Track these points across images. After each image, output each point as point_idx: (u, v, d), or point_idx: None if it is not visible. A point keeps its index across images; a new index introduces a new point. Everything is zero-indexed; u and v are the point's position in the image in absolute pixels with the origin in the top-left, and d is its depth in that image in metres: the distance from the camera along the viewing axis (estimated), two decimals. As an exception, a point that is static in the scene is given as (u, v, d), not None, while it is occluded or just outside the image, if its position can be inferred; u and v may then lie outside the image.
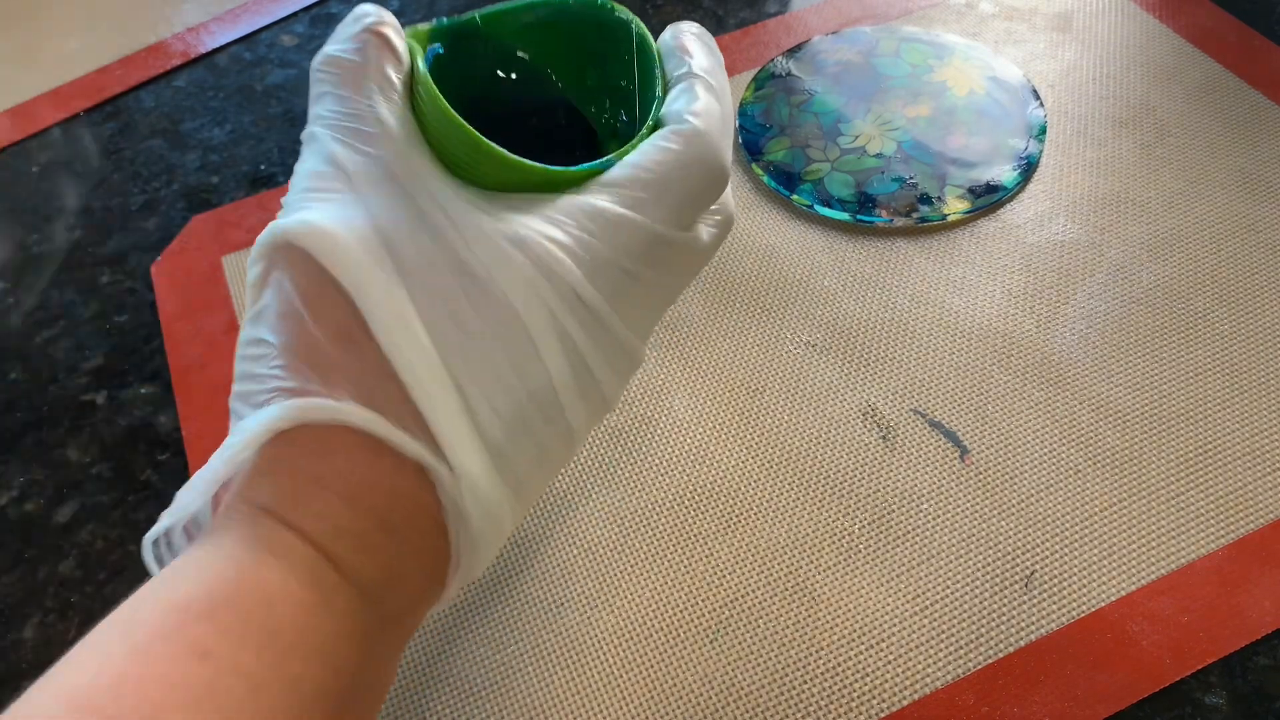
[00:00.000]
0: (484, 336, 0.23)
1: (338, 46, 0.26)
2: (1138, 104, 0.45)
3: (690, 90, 0.26)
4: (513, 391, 0.24)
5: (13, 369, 0.42)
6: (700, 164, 0.25)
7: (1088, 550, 0.32)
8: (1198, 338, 0.37)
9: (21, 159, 0.51)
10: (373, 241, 0.24)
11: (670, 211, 0.25)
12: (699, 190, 0.25)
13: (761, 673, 0.31)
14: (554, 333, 0.24)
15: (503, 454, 0.24)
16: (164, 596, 0.21)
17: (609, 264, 0.24)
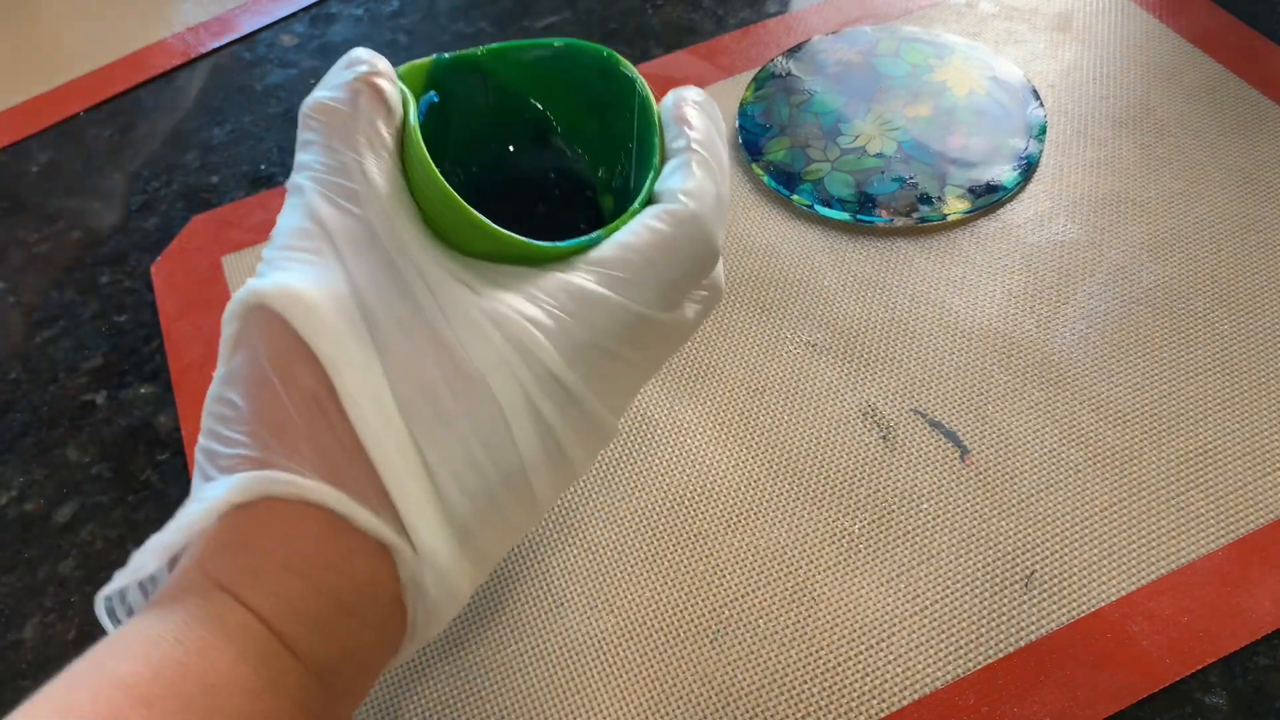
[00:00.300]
0: (457, 416, 0.23)
1: (328, 93, 0.25)
2: (1138, 104, 0.45)
3: (686, 167, 0.26)
4: (483, 472, 0.23)
5: (13, 369, 0.42)
6: (689, 246, 0.25)
7: (1088, 550, 0.32)
8: (1198, 338, 0.37)
9: (22, 158, 0.51)
10: (350, 309, 0.23)
11: (655, 293, 0.25)
12: (686, 272, 0.25)
13: (761, 673, 0.31)
14: (528, 414, 0.23)
15: (468, 531, 0.24)
16: (106, 672, 0.20)
17: (588, 345, 0.24)
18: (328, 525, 0.22)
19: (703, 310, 0.27)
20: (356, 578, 0.22)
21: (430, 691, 0.31)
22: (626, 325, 0.24)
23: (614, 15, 0.54)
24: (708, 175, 0.26)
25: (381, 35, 0.55)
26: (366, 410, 0.22)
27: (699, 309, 0.27)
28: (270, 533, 0.22)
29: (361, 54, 0.26)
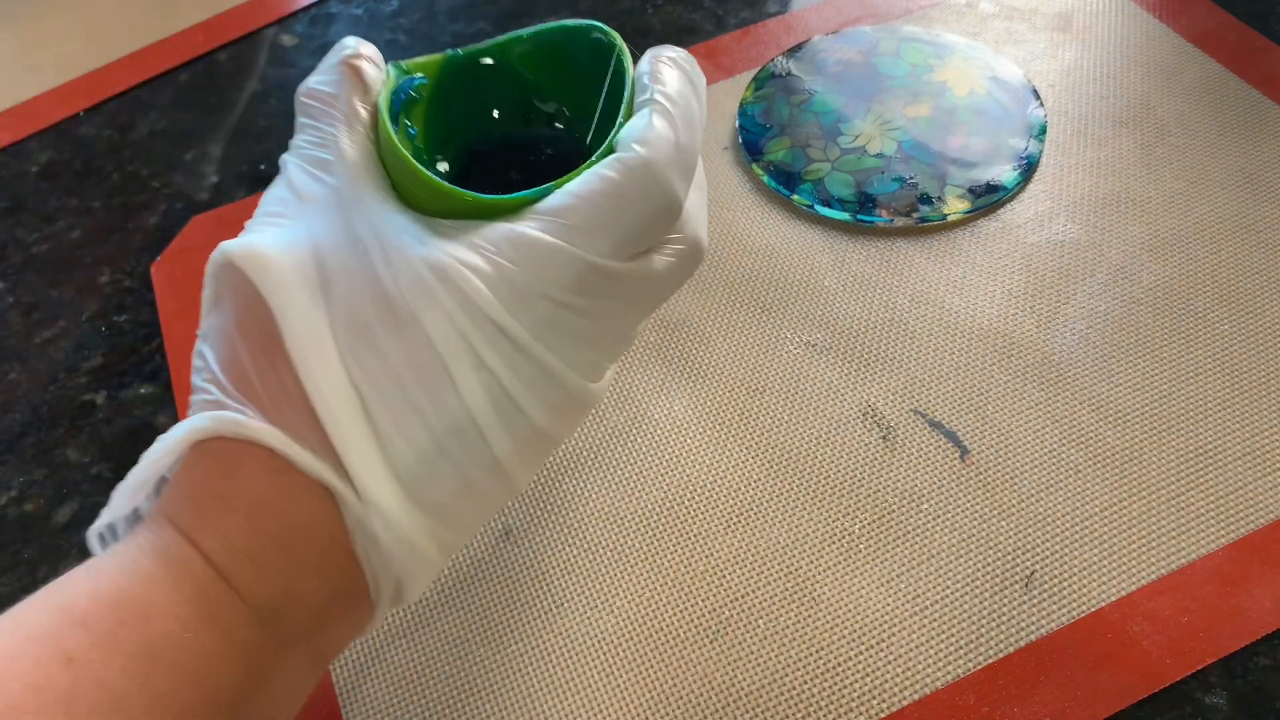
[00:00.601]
0: (398, 362, 0.23)
1: (317, 78, 0.27)
2: (1138, 104, 0.45)
3: (645, 117, 0.26)
4: (425, 419, 0.23)
5: (13, 369, 0.42)
6: (640, 194, 0.24)
7: (1088, 550, 0.32)
8: (1198, 338, 0.37)
9: (22, 158, 0.51)
10: (305, 263, 0.24)
11: (605, 241, 0.24)
12: (640, 221, 0.25)
13: (761, 673, 0.31)
14: (468, 359, 0.23)
15: (416, 481, 0.24)
16: (55, 597, 0.22)
17: (533, 293, 0.24)
18: (270, 465, 0.23)
19: (676, 265, 0.26)
20: (297, 518, 0.23)
21: (430, 691, 0.31)
22: (575, 273, 0.24)
23: (614, 15, 0.54)
24: (667, 124, 0.25)
25: (381, 35, 0.55)
26: (309, 356, 0.23)
27: (670, 263, 0.26)
28: (216, 471, 0.23)
29: (348, 41, 0.27)
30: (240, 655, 0.22)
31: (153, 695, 0.21)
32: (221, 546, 0.22)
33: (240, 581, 0.22)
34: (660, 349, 0.39)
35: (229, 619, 0.22)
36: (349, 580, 0.24)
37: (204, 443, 0.23)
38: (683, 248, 0.26)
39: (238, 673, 0.22)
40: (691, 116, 0.26)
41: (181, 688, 0.21)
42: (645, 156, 0.25)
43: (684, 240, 0.26)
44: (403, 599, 0.25)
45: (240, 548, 0.22)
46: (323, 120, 0.26)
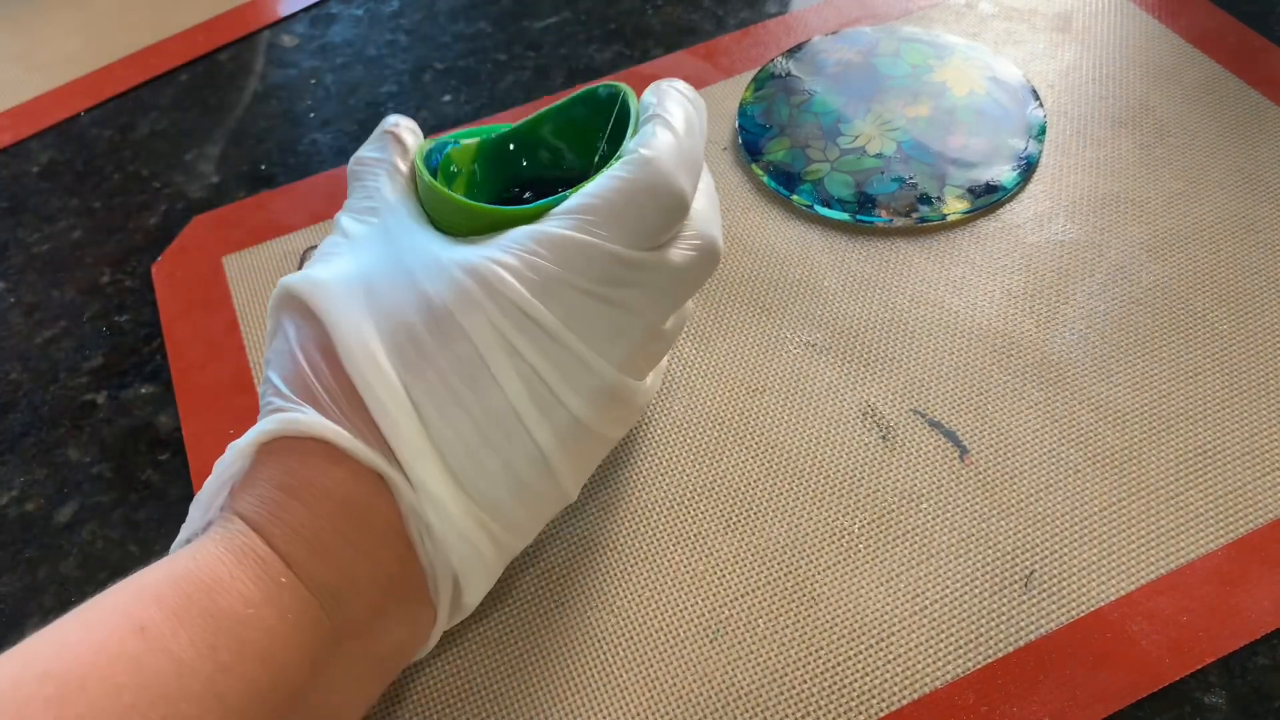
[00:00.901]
0: (439, 358, 0.25)
1: (365, 148, 0.31)
2: (1137, 104, 0.45)
3: (647, 129, 0.28)
4: (467, 407, 0.25)
5: (13, 369, 0.42)
6: (649, 188, 0.26)
7: (1087, 550, 0.32)
8: (1197, 338, 0.37)
9: (22, 158, 0.51)
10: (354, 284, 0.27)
11: (623, 233, 0.26)
12: (650, 213, 0.26)
13: (761, 672, 0.31)
14: (502, 348, 0.25)
15: (464, 469, 0.25)
16: (134, 580, 0.23)
17: (559, 282, 0.25)
18: (327, 457, 0.25)
19: (694, 258, 0.28)
20: (353, 504, 0.24)
21: (430, 691, 0.31)
22: (597, 262, 0.26)
23: (614, 15, 0.54)
24: (668, 131, 0.28)
25: (381, 35, 0.55)
26: (359, 358, 0.25)
27: (689, 255, 0.28)
28: (279, 468, 0.25)
29: (393, 117, 0.32)
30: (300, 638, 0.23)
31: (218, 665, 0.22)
32: (283, 532, 0.24)
33: (300, 564, 0.24)
34: (660, 349, 0.39)
35: (290, 600, 0.23)
36: (405, 569, 0.25)
37: (268, 444, 0.25)
38: (698, 242, 0.28)
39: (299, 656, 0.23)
40: (692, 125, 0.29)
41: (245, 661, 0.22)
42: (649, 155, 0.27)
43: (697, 235, 0.28)
44: (462, 602, 0.26)
45: (300, 532, 0.24)
46: (368, 179, 0.30)
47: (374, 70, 0.53)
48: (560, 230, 0.26)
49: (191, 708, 0.21)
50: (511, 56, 0.53)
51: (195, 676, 0.21)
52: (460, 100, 0.51)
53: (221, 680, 0.22)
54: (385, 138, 0.31)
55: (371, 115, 0.51)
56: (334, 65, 0.54)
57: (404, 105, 0.51)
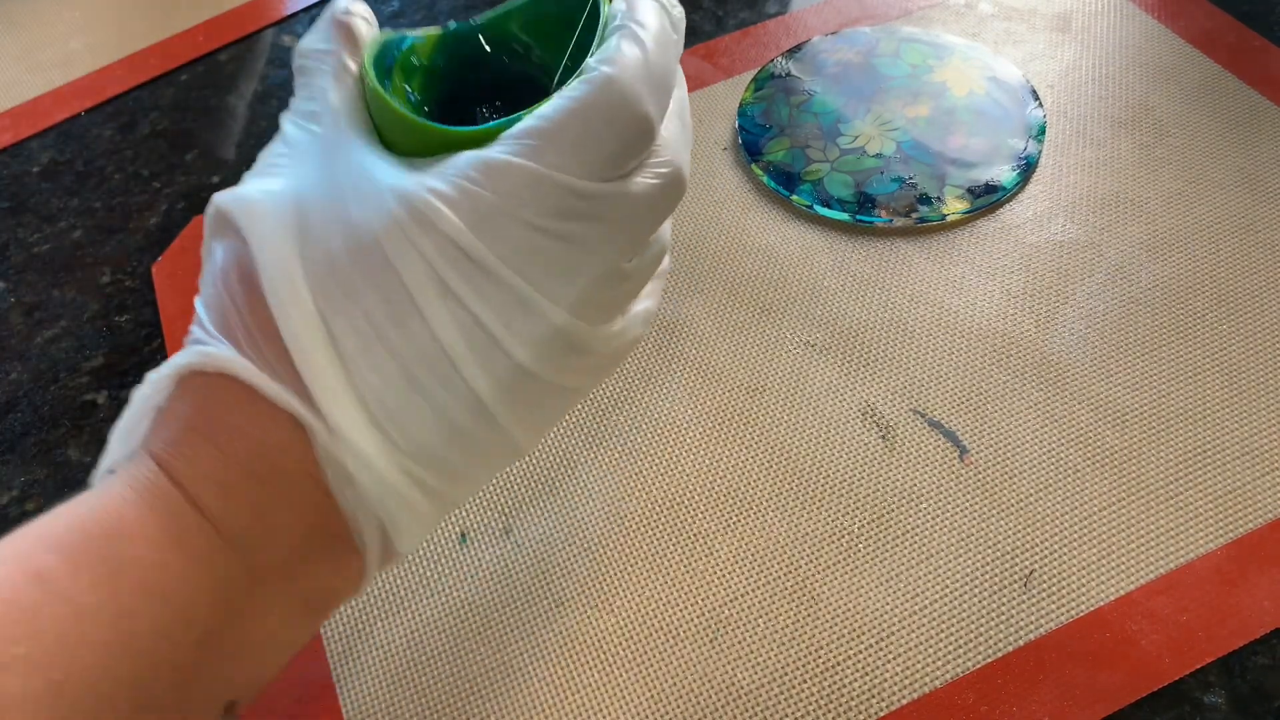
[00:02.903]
0: (364, 293, 0.23)
1: (310, 37, 0.28)
2: (1137, 104, 0.45)
3: (612, 41, 0.25)
4: (394, 348, 0.23)
5: (13, 369, 0.42)
6: (607, 110, 0.24)
7: (1086, 549, 0.33)
8: (1196, 338, 0.37)
9: (23, 158, 0.51)
10: (286, 209, 0.24)
11: (575, 160, 0.24)
12: (609, 137, 0.24)
13: (761, 672, 0.31)
14: (434, 288, 0.23)
15: (390, 416, 0.23)
16: (33, 528, 0.22)
17: (502, 215, 0.23)
18: (240, 395, 0.23)
19: (657, 188, 0.25)
20: (267, 446, 0.23)
21: (430, 691, 0.31)
22: (546, 195, 0.23)
23: (614, 16, 0.54)
24: (635, 45, 0.25)
25: (382, 36, 0.55)
26: (281, 292, 0.23)
27: (650, 185, 0.25)
28: (193, 405, 0.23)
29: (342, 2, 0.28)
30: (212, 582, 0.22)
31: (119, 610, 0.21)
32: (192, 472, 0.23)
33: (210, 507, 0.23)
34: (660, 349, 0.39)
35: (199, 543, 0.22)
36: (325, 517, 0.24)
37: (186, 379, 0.24)
38: (664, 170, 0.25)
39: (211, 600, 0.22)
40: (665, 39, 0.26)
41: (149, 605, 0.21)
42: (610, 74, 0.24)
43: (664, 164, 0.25)
44: (392, 551, 0.25)
45: (210, 474, 0.23)
46: (314, 76, 0.27)
47: (374, 70, 0.53)
48: (506, 157, 0.23)
49: (93, 655, 0.20)
50: (511, 57, 0.53)
51: (96, 623, 0.20)
52: (460, 100, 0.51)
53: (125, 625, 0.21)
54: (333, 27, 0.28)
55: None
56: (334, 65, 0.54)
57: (404, 105, 0.51)
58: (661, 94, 0.25)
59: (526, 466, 0.36)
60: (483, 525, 0.35)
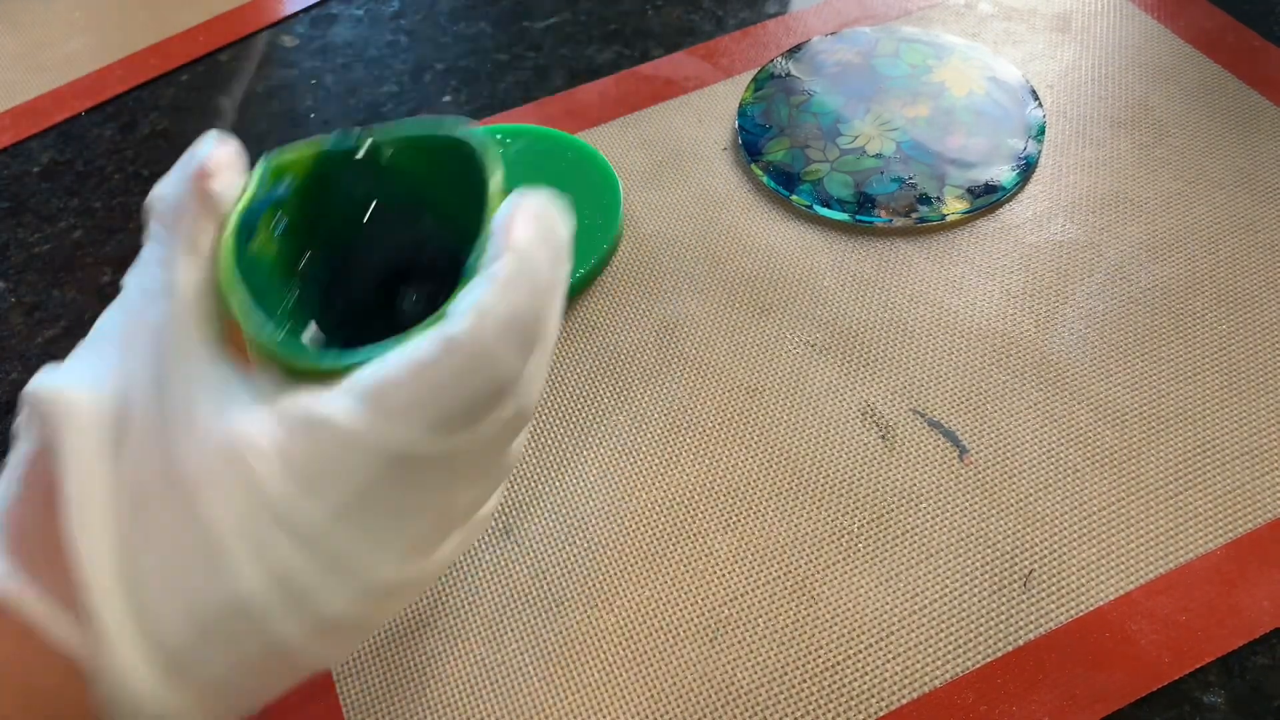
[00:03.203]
0: (171, 531, 0.22)
1: (167, 185, 0.25)
2: (1136, 104, 0.45)
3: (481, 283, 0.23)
4: (195, 595, 0.22)
5: (13, 369, 0.42)
6: (456, 375, 0.22)
7: (1086, 549, 0.33)
8: (1196, 337, 0.37)
9: (23, 158, 0.51)
10: (106, 413, 0.23)
11: (418, 424, 0.22)
12: (459, 401, 0.22)
13: (760, 671, 0.31)
14: (246, 547, 0.22)
15: (182, 659, 0.22)
16: None
17: (327, 471, 0.22)
18: (24, 630, 0.21)
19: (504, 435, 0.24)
20: (43, 686, 0.21)
21: (430, 691, 0.31)
22: (377, 458, 0.22)
23: (614, 16, 0.54)
24: (505, 292, 0.23)
25: (382, 36, 0.55)
26: (83, 517, 0.22)
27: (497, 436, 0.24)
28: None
29: (203, 145, 0.25)
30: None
31: None
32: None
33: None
34: (660, 349, 0.39)
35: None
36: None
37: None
38: (509, 416, 0.24)
39: None
40: (539, 279, 0.24)
41: None
42: (470, 332, 0.22)
43: (515, 409, 0.24)
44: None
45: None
46: (164, 241, 0.24)
47: (374, 71, 0.53)
48: (342, 416, 0.22)
49: None
50: (511, 57, 0.53)
51: None
52: (460, 100, 0.51)
53: None
54: (193, 185, 0.25)
55: (371, 116, 0.51)
56: (334, 66, 0.54)
57: (404, 105, 0.51)
58: (527, 343, 0.23)
59: (526, 466, 0.36)
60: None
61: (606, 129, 0.48)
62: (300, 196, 0.28)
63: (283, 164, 0.27)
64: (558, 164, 0.45)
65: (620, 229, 0.43)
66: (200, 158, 0.25)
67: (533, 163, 0.45)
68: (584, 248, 0.41)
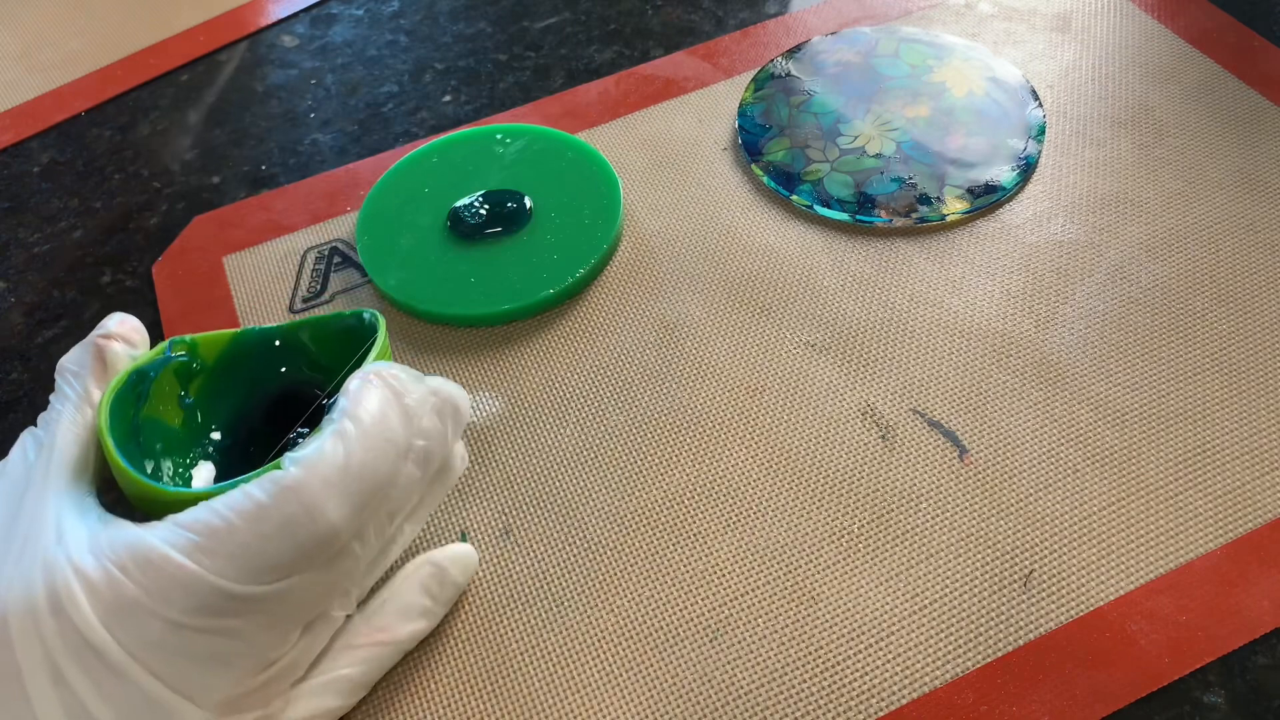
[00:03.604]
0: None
1: (70, 355, 0.28)
2: (1136, 104, 0.45)
3: (320, 434, 0.24)
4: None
5: (13, 369, 0.42)
6: (279, 520, 0.23)
7: (1086, 549, 0.33)
8: (1196, 337, 0.37)
9: (23, 158, 0.51)
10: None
11: (235, 564, 0.22)
12: (282, 548, 0.23)
13: (760, 671, 0.31)
14: (46, 675, 0.22)
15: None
16: None
17: (142, 610, 0.22)
18: None
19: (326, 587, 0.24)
20: None
21: (430, 691, 0.31)
22: (194, 593, 0.22)
23: (614, 16, 0.54)
24: (339, 443, 0.24)
25: (381, 36, 0.55)
26: None
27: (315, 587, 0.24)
28: None
29: (108, 320, 0.29)
30: None
31: None
32: None
33: None
34: (660, 349, 0.39)
35: None
36: None
37: None
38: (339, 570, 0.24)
39: None
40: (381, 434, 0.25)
41: None
42: (297, 478, 0.23)
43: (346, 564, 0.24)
44: None
45: None
46: (58, 399, 0.27)
47: (374, 70, 0.53)
48: (163, 549, 0.22)
49: None
50: (511, 56, 0.53)
51: None
52: (460, 100, 0.51)
53: None
54: (88, 353, 0.28)
55: (371, 115, 0.51)
56: (334, 65, 0.54)
57: (404, 105, 0.51)
58: (358, 500, 0.24)
59: (526, 466, 0.36)
60: (483, 525, 0.35)
61: (606, 129, 0.48)
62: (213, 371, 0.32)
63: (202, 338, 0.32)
64: (558, 164, 0.45)
65: (620, 229, 0.43)
66: (100, 330, 0.28)
67: (533, 163, 0.45)
68: (584, 248, 0.41)
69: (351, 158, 0.49)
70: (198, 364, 0.32)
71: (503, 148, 0.46)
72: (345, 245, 0.44)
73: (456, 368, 0.39)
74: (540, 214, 0.43)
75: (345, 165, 0.48)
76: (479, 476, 0.36)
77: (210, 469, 0.31)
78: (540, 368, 0.39)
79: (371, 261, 0.42)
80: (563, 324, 0.40)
